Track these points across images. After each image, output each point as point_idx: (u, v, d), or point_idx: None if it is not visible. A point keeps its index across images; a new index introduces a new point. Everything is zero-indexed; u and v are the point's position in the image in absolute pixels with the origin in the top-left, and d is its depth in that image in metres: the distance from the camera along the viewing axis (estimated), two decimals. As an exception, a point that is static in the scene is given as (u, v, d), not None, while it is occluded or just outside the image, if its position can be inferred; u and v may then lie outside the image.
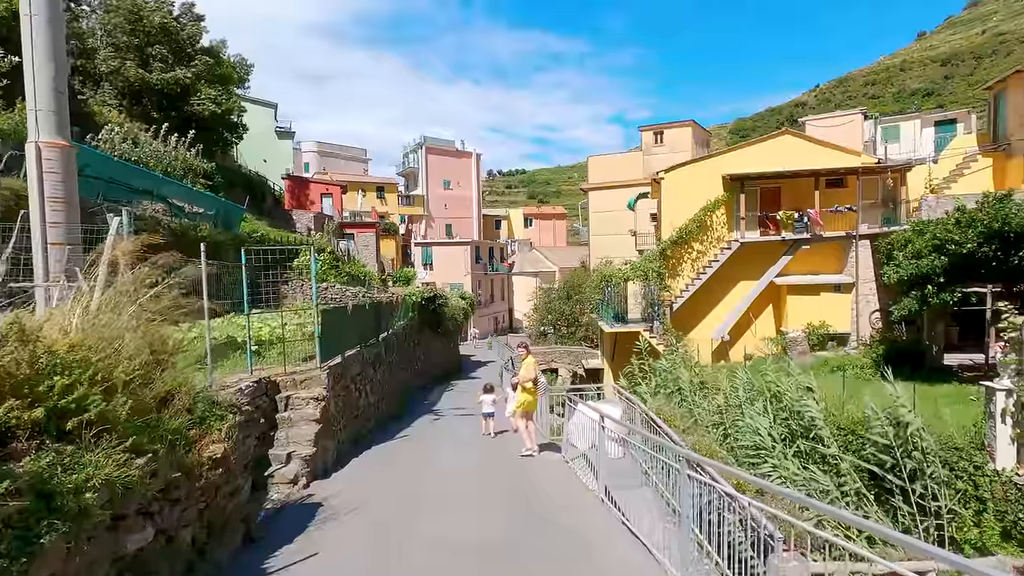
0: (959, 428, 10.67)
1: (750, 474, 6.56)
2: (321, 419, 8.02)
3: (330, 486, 7.39)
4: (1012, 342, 9.54)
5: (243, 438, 5.28)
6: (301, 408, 8.00)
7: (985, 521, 9.30)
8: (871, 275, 20.92)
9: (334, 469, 8.17)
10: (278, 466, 7.08)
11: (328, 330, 9.32)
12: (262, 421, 7.00)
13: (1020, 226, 13.32)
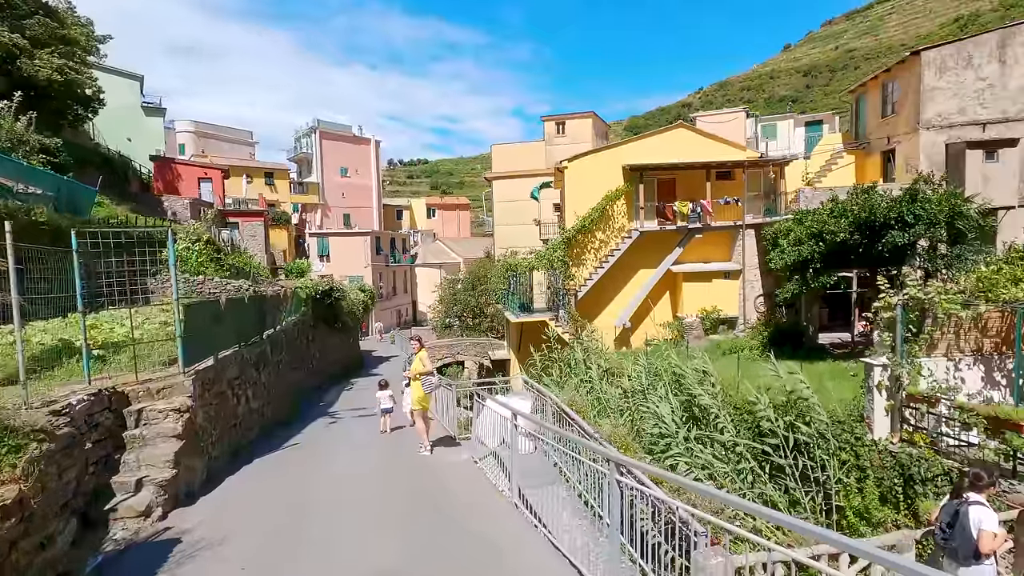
0: (839, 402, 11.39)
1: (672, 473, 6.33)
2: (184, 434, 6.74)
3: (195, 514, 6.19)
4: (885, 320, 10.27)
5: (61, 470, 4.08)
6: (157, 423, 6.67)
7: (866, 488, 9.94)
8: (756, 262, 22.34)
9: (203, 492, 6.93)
10: (124, 496, 5.77)
11: (195, 328, 7.94)
12: (98, 443, 5.67)
13: (884, 216, 14.62)
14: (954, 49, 19.15)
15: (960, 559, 4.78)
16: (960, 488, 5.06)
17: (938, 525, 4.99)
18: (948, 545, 4.85)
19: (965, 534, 4.72)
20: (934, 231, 14.90)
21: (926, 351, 10.14)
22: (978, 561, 4.71)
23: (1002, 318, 10.22)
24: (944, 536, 4.88)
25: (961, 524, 4.76)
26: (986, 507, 4.84)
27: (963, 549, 4.74)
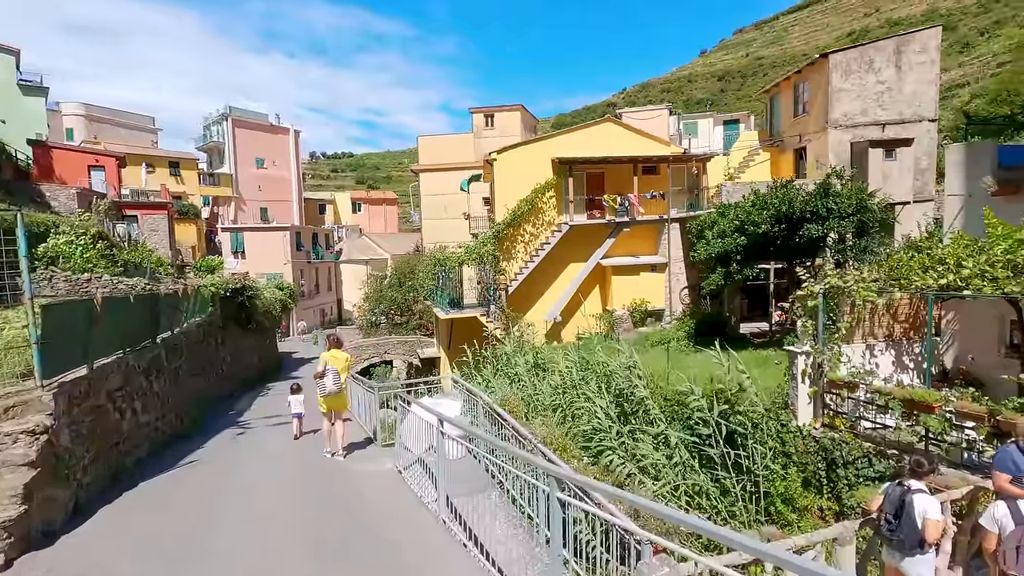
0: (763, 390, 11.59)
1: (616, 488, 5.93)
2: (39, 461, 5.57)
3: (51, 557, 5.11)
4: (807, 309, 10.50)
5: None
6: (4, 449, 5.47)
7: (790, 474, 10.12)
8: (680, 255, 22.84)
9: (67, 528, 5.79)
10: (-51, 544, 4.62)
11: (60, 333, 6.70)
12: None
13: (801, 209, 15.18)
14: (858, 53, 20.36)
15: (906, 549, 4.69)
16: (901, 476, 4.98)
17: (884, 516, 4.87)
18: (895, 537, 4.74)
19: (911, 524, 4.63)
20: (844, 224, 15.67)
21: (844, 338, 10.47)
22: (922, 550, 4.65)
23: (910, 304, 10.73)
24: (891, 528, 4.77)
25: (907, 514, 4.65)
26: (928, 495, 4.79)
27: (909, 540, 4.66)
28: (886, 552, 4.98)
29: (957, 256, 8.67)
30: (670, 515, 2.63)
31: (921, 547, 4.63)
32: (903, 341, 10.92)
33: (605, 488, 3.38)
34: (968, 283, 8.34)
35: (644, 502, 3.07)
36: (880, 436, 9.53)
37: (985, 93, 52.71)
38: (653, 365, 13.51)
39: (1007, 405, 7.78)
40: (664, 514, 2.66)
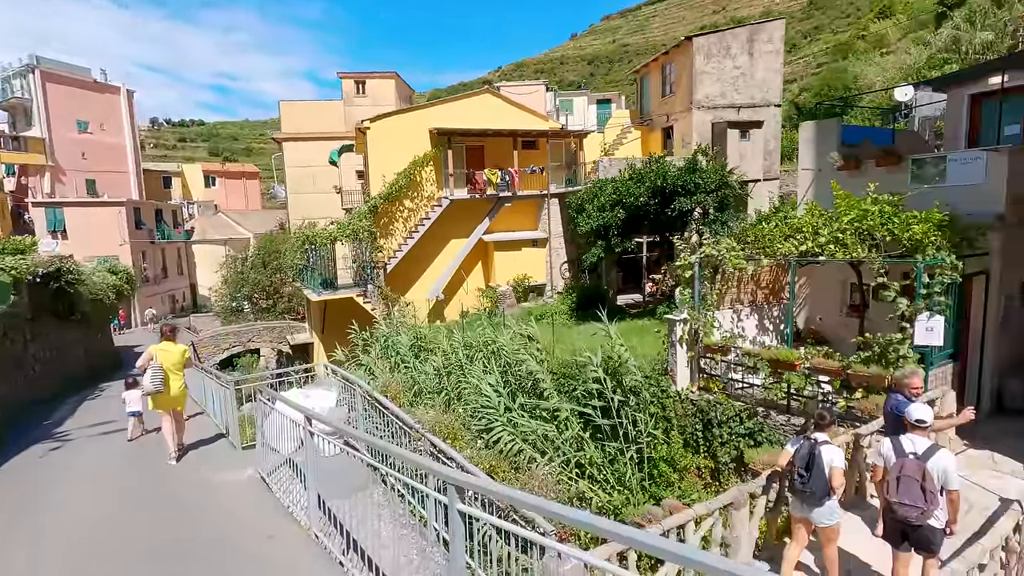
0: (643, 357, 11.90)
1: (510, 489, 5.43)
2: None
3: None
4: (684, 278, 10.85)
5: None
6: None
7: (672, 437, 10.49)
8: (560, 230, 23.13)
9: None
10: None
11: None
12: None
13: (673, 183, 15.83)
14: (717, 39, 21.72)
15: (816, 500, 4.88)
16: (807, 430, 5.14)
17: (795, 471, 4.98)
18: (808, 489, 4.88)
19: (821, 475, 4.82)
20: (708, 198, 16.67)
21: (716, 305, 11.01)
22: (829, 498, 4.89)
23: (770, 271, 11.56)
24: (803, 481, 4.90)
25: (817, 466, 4.83)
26: (833, 446, 5.01)
27: (819, 490, 4.84)
28: (795, 505, 5.14)
29: (814, 225, 9.34)
30: (558, 513, 2.21)
31: (828, 495, 4.88)
32: (764, 306, 11.76)
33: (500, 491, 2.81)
34: (824, 249, 9.02)
35: (532, 501, 2.56)
36: (749, 395, 10.16)
37: (810, 88, 60.00)
38: (539, 339, 13.34)
39: (856, 360, 8.55)
40: (554, 512, 2.21)
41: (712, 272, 10.84)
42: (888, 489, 4.63)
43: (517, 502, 2.30)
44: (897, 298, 7.99)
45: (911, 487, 4.46)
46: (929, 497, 4.42)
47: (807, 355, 9.20)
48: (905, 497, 4.47)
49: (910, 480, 4.48)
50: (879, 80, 30.85)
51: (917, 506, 4.43)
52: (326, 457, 6.01)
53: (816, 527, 5.01)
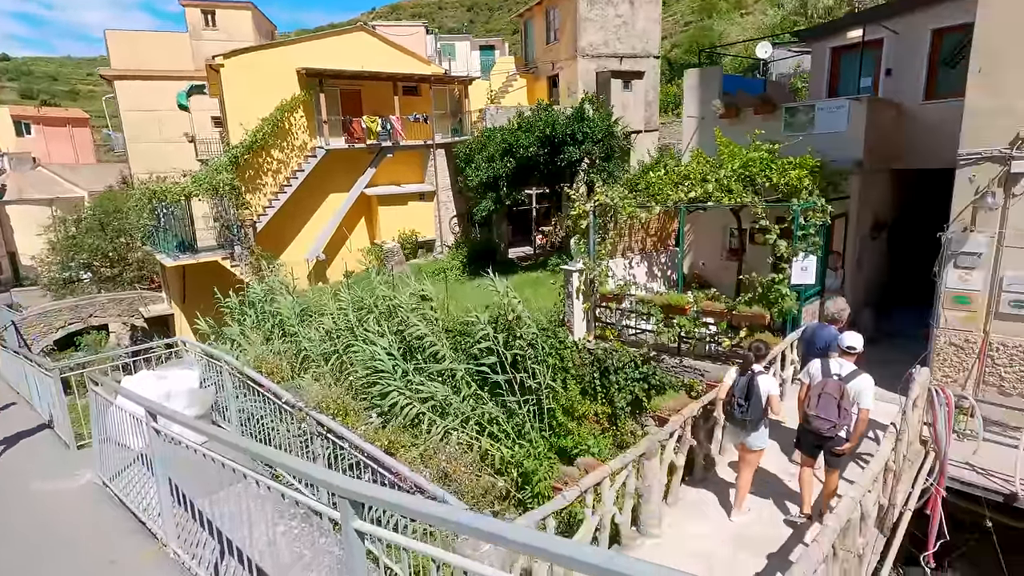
0: (539, 310, 11.76)
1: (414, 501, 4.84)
2: None
3: None
4: (579, 227, 10.70)
5: None
6: None
7: (570, 387, 10.54)
8: (448, 183, 22.19)
9: None
10: None
11: None
12: None
13: (562, 132, 15.55)
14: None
15: (754, 426, 5.25)
16: (747, 362, 5.37)
17: (735, 401, 5.28)
18: (747, 417, 5.20)
19: (758, 402, 5.16)
20: (595, 149, 16.67)
21: (609, 253, 11.04)
22: (763, 424, 5.31)
23: (658, 219, 11.79)
24: (742, 409, 5.22)
25: (755, 395, 5.15)
26: (768, 375, 5.42)
27: (756, 416, 5.20)
28: (732, 432, 5.56)
29: (702, 172, 9.51)
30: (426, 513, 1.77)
31: (763, 421, 5.28)
32: (653, 253, 12.05)
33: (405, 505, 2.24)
34: (711, 196, 9.22)
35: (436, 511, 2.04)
36: (642, 341, 10.40)
37: (680, 44, 62.86)
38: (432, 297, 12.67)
39: (740, 302, 8.96)
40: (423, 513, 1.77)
41: (605, 221, 10.79)
42: (809, 403, 5.12)
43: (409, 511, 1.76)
44: (777, 240, 8.38)
45: (829, 403, 4.95)
46: (843, 414, 4.92)
47: (696, 299, 9.51)
48: (822, 412, 4.96)
49: (829, 397, 4.96)
50: (740, 38, 32.78)
51: (830, 420, 4.93)
52: (190, 447, 5.03)
53: (746, 450, 5.37)
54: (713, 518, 5.55)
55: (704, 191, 9.25)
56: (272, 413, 5.95)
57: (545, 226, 21.95)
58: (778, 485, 6.00)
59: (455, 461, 4.43)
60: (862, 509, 4.28)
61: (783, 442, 6.49)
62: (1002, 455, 6.43)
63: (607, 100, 19.64)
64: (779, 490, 5.91)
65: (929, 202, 12.13)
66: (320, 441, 5.29)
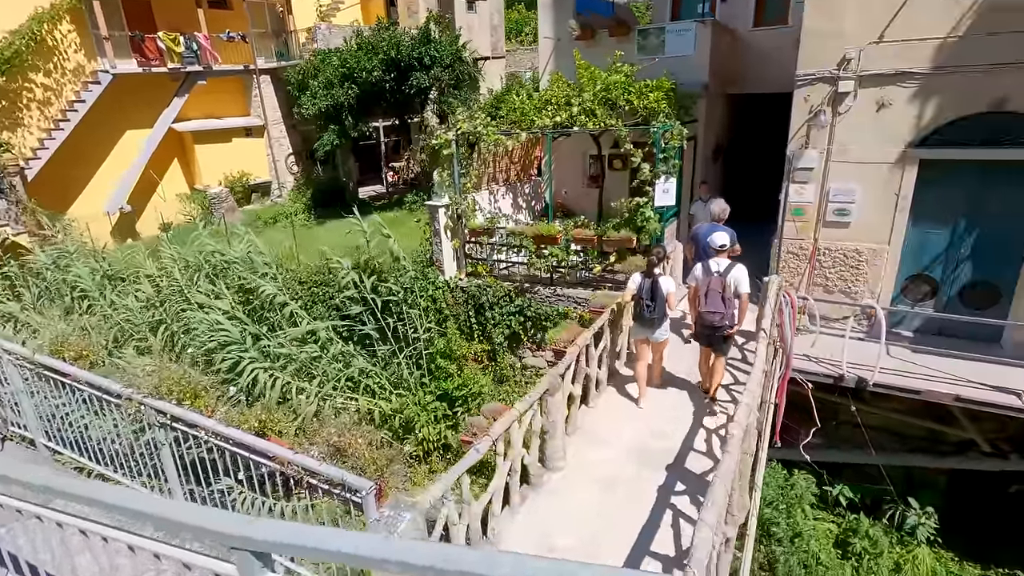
0: (406, 251, 10.98)
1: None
2: None
3: None
4: (442, 158, 9.94)
5: None
6: None
7: (449, 329, 10.13)
8: (279, 116, 19.52)
9: None
10: None
11: None
12: None
13: (408, 55, 14.19)
14: None
15: (658, 323, 5.92)
16: (651, 267, 5.88)
17: (643, 302, 5.86)
18: (655, 315, 5.83)
19: (662, 301, 5.81)
20: (444, 75, 15.61)
21: (475, 186, 10.50)
22: (665, 319, 5.98)
23: (520, 148, 11.44)
24: (650, 308, 5.82)
25: (659, 294, 5.79)
26: (667, 276, 6.04)
27: (661, 313, 5.86)
28: (640, 330, 6.10)
29: (566, 96, 9.22)
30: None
31: (666, 317, 5.94)
32: (517, 184, 11.76)
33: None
34: (575, 120, 9.02)
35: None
36: (515, 274, 10.23)
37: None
38: (276, 247, 11.17)
39: (609, 227, 9.09)
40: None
41: (468, 151, 10.15)
42: (700, 302, 5.83)
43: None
44: (641, 163, 8.51)
45: (715, 298, 5.68)
46: (728, 304, 5.68)
47: (566, 228, 9.48)
48: (711, 307, 5.69)
49: (715, 293, 5.68)
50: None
51: (719, 311, 5.67)
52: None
53: (653, 343, 6.13)
54: (612, 441, 5.65)
55: (569, 115, 9.01)
56: (90, 407, 4.67)
57: (396, 162, 20.57)
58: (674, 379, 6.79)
59: (348, 432, 3.80)
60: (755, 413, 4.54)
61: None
62: (833, 344, 7.41)
63: (451, 21, 18.36)
64: (674, 380, 6.75)
65: (759, 126, 13.42)
66: (164, 435, 4.24)
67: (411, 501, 3.40)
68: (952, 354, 7.14)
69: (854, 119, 7.24)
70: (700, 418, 5.98)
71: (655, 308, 5.79)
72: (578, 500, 4.89)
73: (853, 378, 6.95)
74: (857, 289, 7.85)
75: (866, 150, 7.28)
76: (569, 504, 4.85)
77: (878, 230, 7.53)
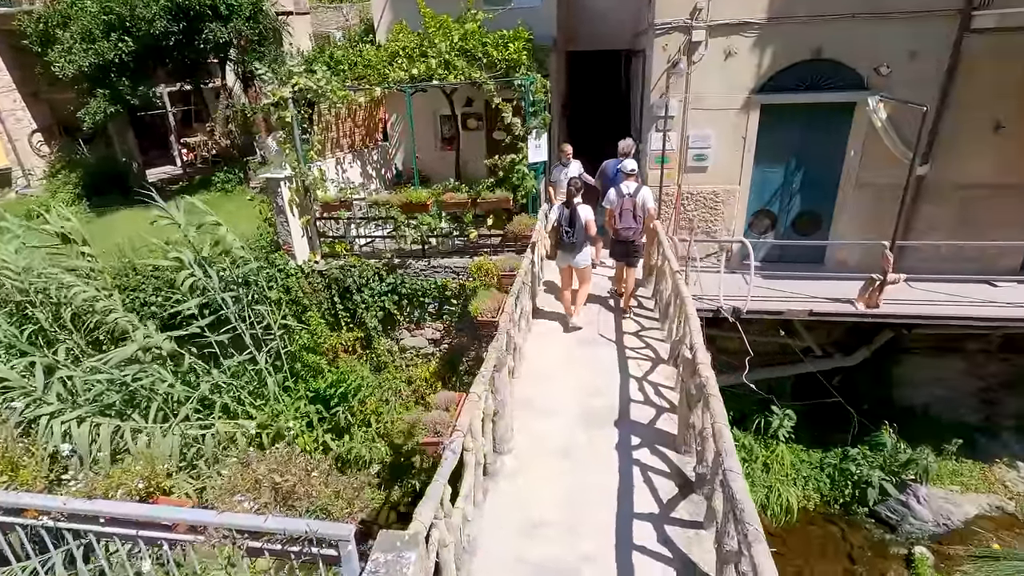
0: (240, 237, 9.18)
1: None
2: None
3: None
4: (280, 122, 8.36)
5: None
6: None
7: (311, 320, 8.80)
8: (10, 81, 14.93)
9: None
10: None
11: None
12: None
13: (200, 2, 11.67)
14: None
15: (579, 248, 6.37)
16: (570, 196, 6.33)
17: (563, 230, 6.34)
18: (574, 240, 6.30)
19: (581, 228, 6.28)
20: (246, 27, 13.29)
21: (319, 153, 9.09)
22: (586, 245, 6.44)
23: (365, 108, 10.22)
24: (570, 235, 6.30)
25: (578, 222, 6.26)
26: (585, 205, 6.38)
27: (581, 240, 6.33)
28: (563, 257, 6.54)
29: (420, 47, 8.32)
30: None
31: (586, 243, 6.41)
32: (363, 150, 10.54)
33: None
34: (434, 74, 8.21)
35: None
36: (381, 250, 9.20)
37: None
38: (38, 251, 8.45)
39: (483, 187, 8.56)
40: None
41: (308, 111, 8.71)
42: (615, 221, 6.57)
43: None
44: (512, 118, 8.10)
45: (628, 216, 6.50)
46: (638, 220, 6.53)
47: (434, 193, 8.72)
48: (625, 223, 6.51)
49: (627, 212, 6.49)
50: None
51: (632, 227, 6.53)
52: None
53: (576, 270, 6.56)
54: (553, 408, 5.30)
55: (427, 67, 8.17)
56: None
57: (190, 136, 17.25)
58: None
59: (290, 471, 2.80)
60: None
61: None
62: (707, 280, 7.97)
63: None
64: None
65: (594, 84, 13.90)
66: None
67: (406, 535, 2.65)
68: (792, 275, 8.18)
69: (707, 68, 7.69)
70: (624, 365, 5.95)
71: (574, 234, 6.28)
72: (541, 476, 4.48)
73: (730, 308, 7.56)
74: (716, 228, 8.56)
75: (718, 97, 7.82)
76: (534, 483, 4.42)
77: (730, 172, 8.23)
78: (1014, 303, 7.38)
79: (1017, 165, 7.58)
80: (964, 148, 7.57)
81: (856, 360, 8.65)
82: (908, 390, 8.78)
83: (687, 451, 4.63)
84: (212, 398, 7.42)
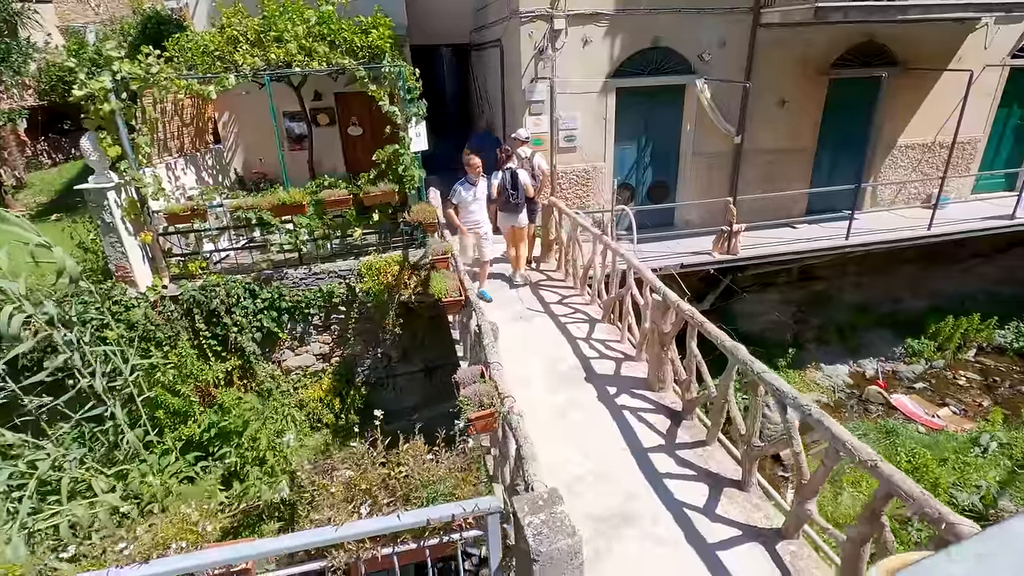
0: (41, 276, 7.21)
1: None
2: None
3: None
4: (103, 116, 6.74)
5: None
6: None
7: (171, 357, 7.31)
8: None
9: None
10: None
11: None
12: None
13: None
14: None
15: (521, 208, 7.03)
16: (502, 162, 7.07)
17: (508, 192, 6.88)
18: (518, 200, 6.93)
19: (521, 190, 6.93)
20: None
21: (145, 156, 7.53)
22: (525, 206, 7.12)
23: (193, 105, 8.79)
24: (513, 196, 6.89)
25: (517, 184, 6.90)
26: (522, 169, 7.14)
27: (522, 200, 6.97)
28: (506, 218, 7.11)
29: (275, 31, 7.43)
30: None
31: (525, 203, 7.07)
32: (196, 154, 9.06)
33: None
34: (294, 60, 7.43)
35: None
36: (247, 263, 8.04)
37: None
38: None
39: (366, 181, 8.02)
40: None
41: (132, 107, 7.17)
42: (506, 189, 7.07)
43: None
44: (388, 107, 7.73)
45: (525, 176, 7.13)
46: (537, 181, 7.59)
47: (309, 191, 7.90)
48: (524, 181, 7.09)
49: (526, 172, 7.25)
50: None
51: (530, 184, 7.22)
52: None
53: (515, 229, 7.16)
54: (523, 380, 5.29)
55: (286, 52, 7.37)
56: None
57: None
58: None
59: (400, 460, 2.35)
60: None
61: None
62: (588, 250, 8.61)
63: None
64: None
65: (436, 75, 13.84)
66: None
67: (544, 494, 2.51)
68: (652, 238, 9.33)
69: (569, 54, 8.31)
70: (566, 331, 6.19)
71: (517, 195, 6.88)
72: (547, 438, 4.47)
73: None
74: (589, 203, 9.30)
75: (581, 81, 8.50)
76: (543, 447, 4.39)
77: (596, 150, 9.02)
78: (806, 238, 9.48)
79: (798, 132, 9.71)
80: (762, 121, 9.42)
81: (707, 305, 10.18)
82: (747, 322, 10.62)
83: (661, 388, 5.05)
84: (52, 480, 5.76)
